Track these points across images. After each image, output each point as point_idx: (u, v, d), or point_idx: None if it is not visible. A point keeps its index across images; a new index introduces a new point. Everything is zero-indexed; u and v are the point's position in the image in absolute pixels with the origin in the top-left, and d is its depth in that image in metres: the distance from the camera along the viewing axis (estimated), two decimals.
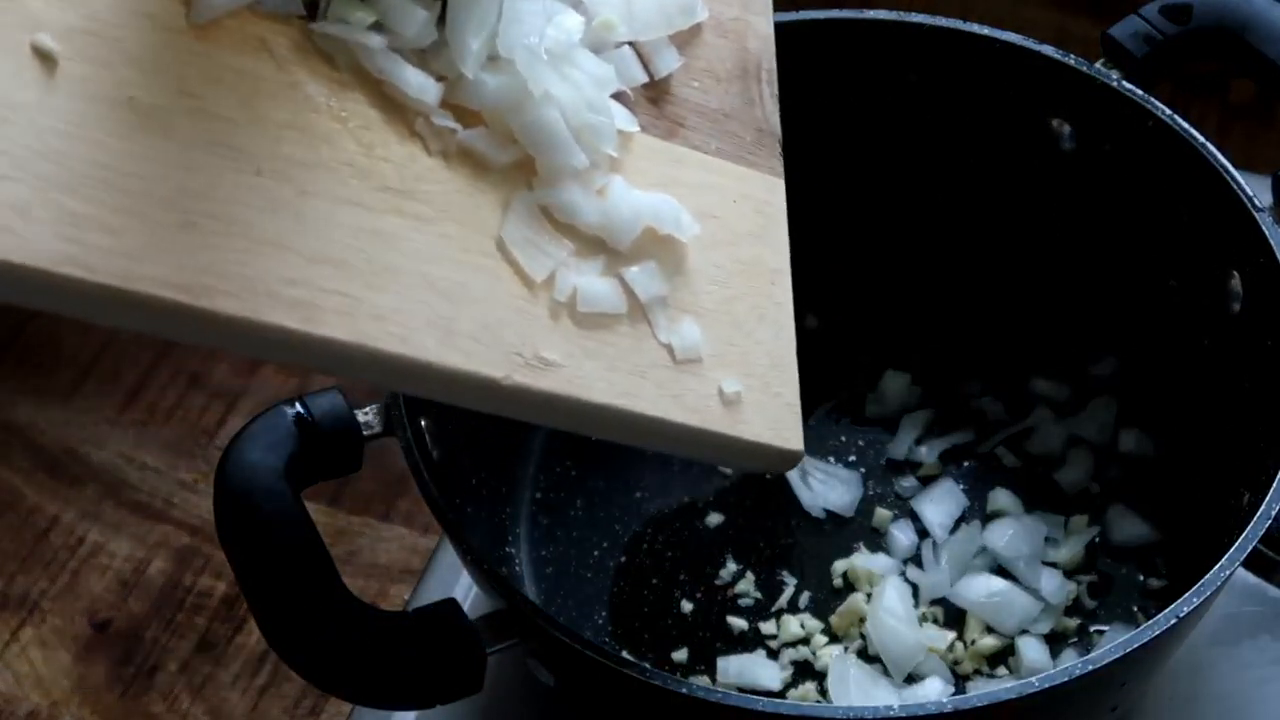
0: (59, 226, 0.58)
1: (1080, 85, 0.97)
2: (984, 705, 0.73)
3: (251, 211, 0.62)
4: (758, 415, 0.73)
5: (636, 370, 0.70)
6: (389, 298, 0.64)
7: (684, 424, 0.71)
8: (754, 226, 0.79)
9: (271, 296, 0.61)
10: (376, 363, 0.64)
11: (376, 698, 0.74)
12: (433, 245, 0.67)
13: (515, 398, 0.67)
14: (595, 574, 1.00)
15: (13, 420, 1.48)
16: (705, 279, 0.75)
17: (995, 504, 0.99)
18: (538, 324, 0.68)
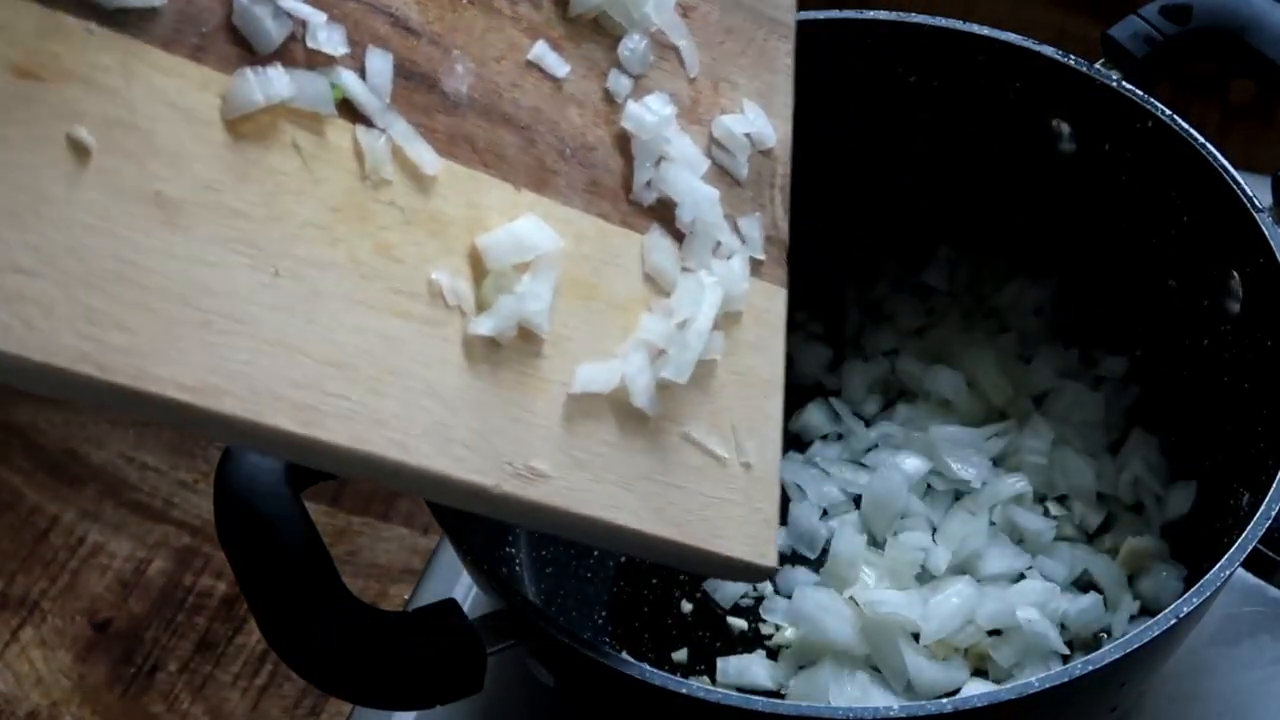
0: (77, 324, 0.59)
1: (1080, 85, 0.97)
2: (984, 705, 0.73)
3: (265, 311, 0.63)
4: (737, 531, 0.74)
5: (623, 482, 0.71)
6: (390, 403, 0.65)
7: (665, 538, 0.72)
8: (752, 337, 0.79)
9: (277, 399, 0.62)
10: (373, 466, 0.65)
11: (376, 698, 0.74)
12: (436, 349, 0.68)
13: (503, 505, 0.68)
14: (595, 574, 1.00)
15: (13, 420, 1.48)
16: (699, 388, 0.75)
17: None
18: (531, 432, 0.69)
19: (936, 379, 1.04)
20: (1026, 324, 1.08)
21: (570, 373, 0.71)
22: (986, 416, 1.04)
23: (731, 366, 0.77)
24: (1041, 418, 1.02)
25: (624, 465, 0.71)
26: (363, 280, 0.67)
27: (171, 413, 0.61)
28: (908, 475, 1.00)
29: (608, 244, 0.75)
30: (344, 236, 0.67)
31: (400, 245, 0.68)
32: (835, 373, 1.08)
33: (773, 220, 0.82)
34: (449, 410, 0.67)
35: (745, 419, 0.77)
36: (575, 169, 0.75)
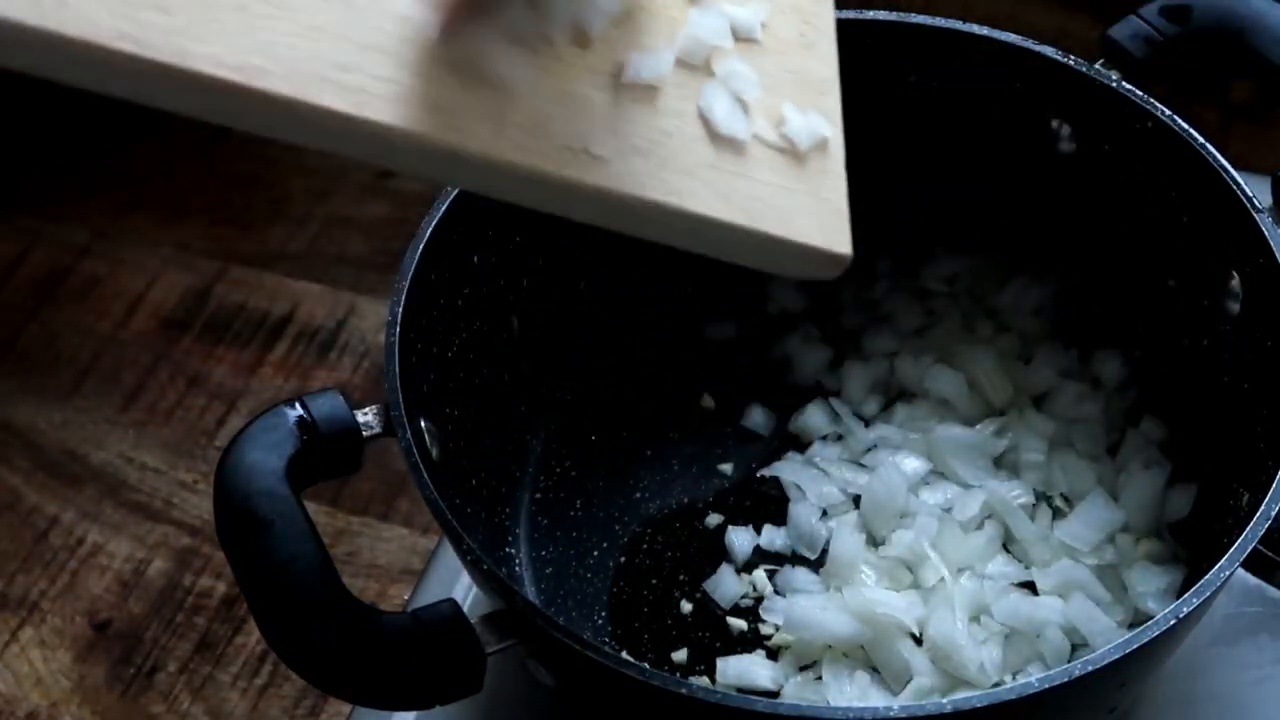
0: (114, 3, 0.58)
1: (1080, 86, 0.97)
2: (983, 705, 0.73)
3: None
4: (806, 218, 0.72)
5: (685, 169, 0.70)
6: (441, 88, 0.64)
7: (732, 223, 0.70)
8: (802, 38, 0.77)
9: (323, 80, 0.61)
10: (429, 152, 0.64)
11: (376, 698, 0.74)
12: (488, 40, 0.66)
13: (565, 191, 0.67)
14: (595, 574, 1.00)
15: (13, 421, 1.48)
16: (753, 85, 0.74)
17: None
18: (587, 118, 0.68)
19: (936, 379, 1.04)
20: (1026, 324, 1.08)
21: (621, 65, 0.70)
22: (986, 417, 1.03)
23: (785, 65, 0.76)
24: (1041, 418, 1.02)
25: (685, 154, 0.70)
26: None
27: (213, 95, 0.60)
28: (907, 476, 1.00)
29: None
30: None
31: None
32: (835, 373, 1.08)
33: None
34: (504, 96, 0.65)
35: (804, 115, 0.75)
36: None
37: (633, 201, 0.68)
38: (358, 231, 1.62)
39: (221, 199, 1.66)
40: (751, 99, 0.74)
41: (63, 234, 1.63)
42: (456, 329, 0.94)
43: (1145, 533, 0.97)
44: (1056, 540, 0.97)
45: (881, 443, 1.03)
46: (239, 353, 1.51)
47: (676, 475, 1.04)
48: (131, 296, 1.57)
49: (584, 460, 1.05)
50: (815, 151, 0.75)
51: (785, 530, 1.01)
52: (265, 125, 0.61)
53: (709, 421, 1.07)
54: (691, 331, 1.11)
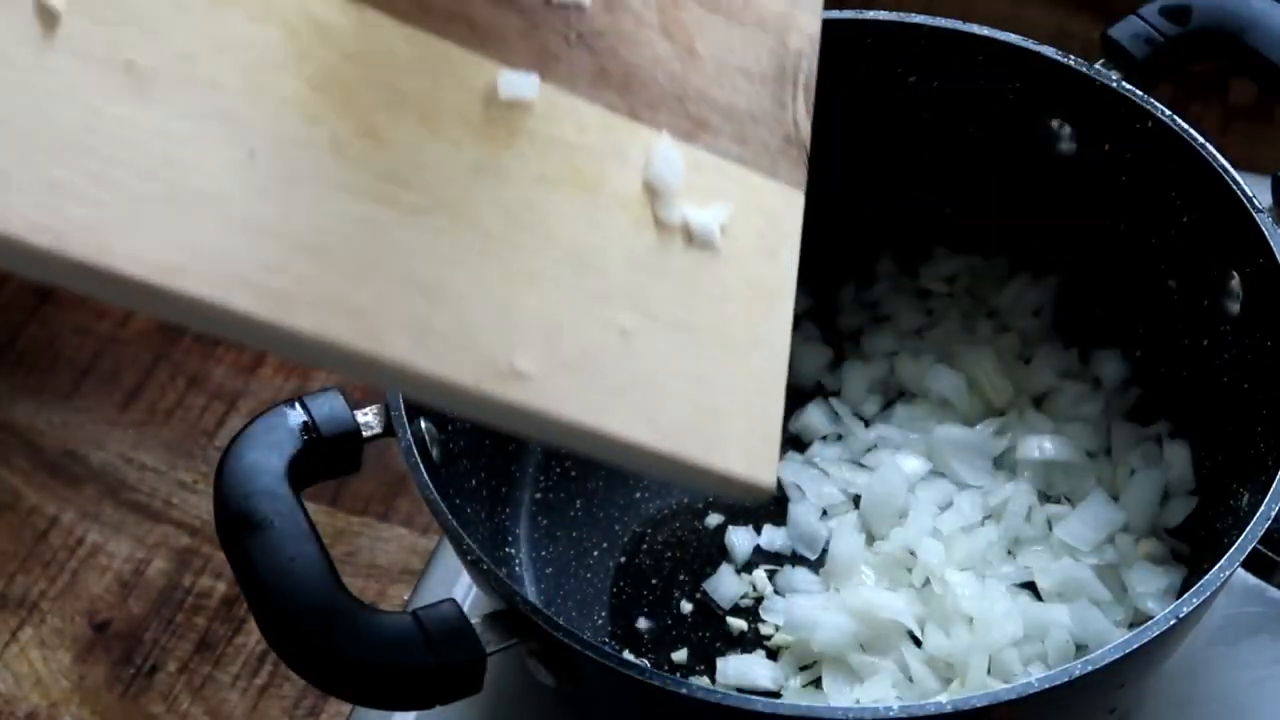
0: (37, 193, 0.56)
1: (1080, 86, 0.97)
2: (983, 705, 0.73)
3: (236, 190, 0.60)
4: (734, 445, 0.70)
5: (614, 388, 0.67)
6: (367, 293, 0.62)
7: (654, 448, 0.68)
8: (761, 241, 0.75)
9: (245, 282, 0.59)
10: (343, 357, 0.62)
11: (376, 698, 0.74)
12: (420, 239, 0.64)
13: (481, 405, 0.65)
14: (595, 574, 1.00)
15: (13, 421, 1.48)
16: (703, 295, 0.71)
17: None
18: (517, 330, 0.66)
19: (936, 379, 1.04)
20: (1026, 324, 1.08)
21: (562, 268, 0.68)
22: (986, 417, 1.03)
23: (739, 273, 0.73)
24: (1041, 418, 1.02)
25: (616, 370, 0.67)
26: (345, 163, 0.63)
27: (131, 291, 0.58)
28: (907, 476, 1.00)
29: (612, 137, 0.72)
30: (328, 116, 0.63)
31: (387, 128, 0.65)
32: (835, 373, 1.08)
33: (793, 119, 0.79)
34: (431, 303, 0.63)
35: (750, 328, 0.72)
36: (581, 54, 0.72)
37: (554, 421, 0.66)
38: None
39: None
40: (696, 316, 0.71)
41: None
42: None
43: (1145, 533, 0.97)
44: (1056, 540, 0.97)
45: (881, 443, 1.03)
46: (239, 353, 1.51)
47: None
48: None
49: (584, 460, 1.05)
50: (755, 375, 0.72)
51: (785, 530, 1.01)
52: (186, 320, 0.60)
53: None
54: None
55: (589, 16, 0.73)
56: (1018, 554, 0.97)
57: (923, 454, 1.02)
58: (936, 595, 0.93)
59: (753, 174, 0.76)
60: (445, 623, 0.74)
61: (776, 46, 0.79)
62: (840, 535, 0.98)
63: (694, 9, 0.77)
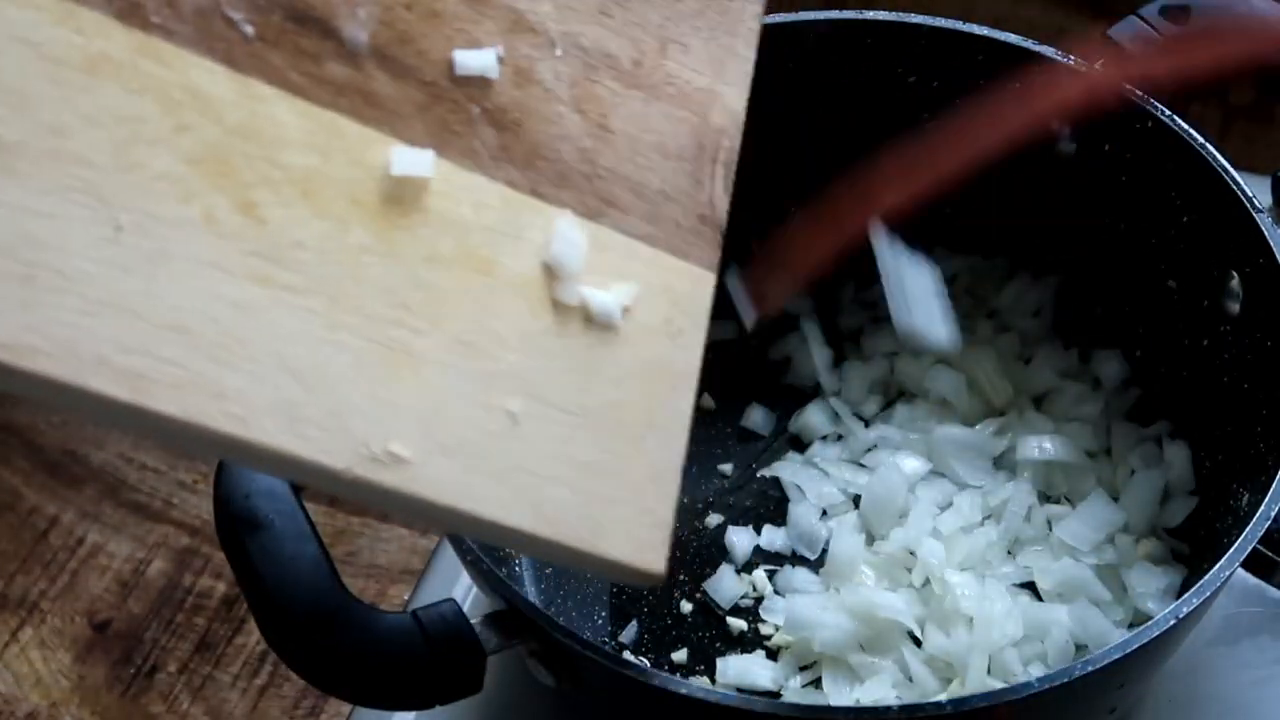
0: None
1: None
2: (983, 705, 0.73)
3: (100, 269, 0.59)
4: (622, 531, 0.68)
5: (495, 472, 0.65)
6: (234, 375, 0.60)
7: (536, 534, 0.66)
8: (667, 324, 0.72)
9: (101, 363, 0.58)
10: (208, 440, 0.60)
11: (376, 698, 0.74)
12: (294, 321, 0.62)
13: (355, 489, 0.63)
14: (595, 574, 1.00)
15: (13, 421, 1.48)
16: (599, 377, 0.69)
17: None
18: (394, 414, 0.64)
19: (936, 379, 1.04)
20: (1026, 324, 1.08)
21: (448, 351, 0.66)
22: (986, 417, 1.03)
23: (639, 355, 0.71)
24: (1041, 418, 1.02)
25: (498, 455, 0.66)
26: (218, 240, 0.61)
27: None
28: (907, 476, 1.00)
29: (512, 216, 0.70)
30: (202, 192, 0.62)
31: (266, 205, 0.63)
32: (835, 373, 1.08)
33: (710, 199, 0.76)
34: (303, 386, 0.61)
35: (647, 412, 0.70)
36: (484, 130, 0.70)
37: (430, 506, 0.64)
38: None
39: None
40: (586, 402, 0.69)
41: None
42: None
43: (1145, 533, 0.97)
44: (1056, 540, 0.97)
45: (881, 443, 1.03)
46: None
47: None
48: None
49: None
50: (649, 460, 0.70)
51: (785, 530, 1.01)
52: (49, 398, 0.58)
53: (709, 421, 1.07)
54: None
55: (495, 90, 0.71)
56: (1018, 554, 0.97)
57: (923, 454, 1.02)
58: (936, 595, 0.93)
59: (662, 254, 0.74)
60: (445, 623, 0.74)
61: (698, 124, 0.77)
62: (840, 535, 0.98)
63: (610, 84, 0.75)
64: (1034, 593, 0.95)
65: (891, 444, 1.03)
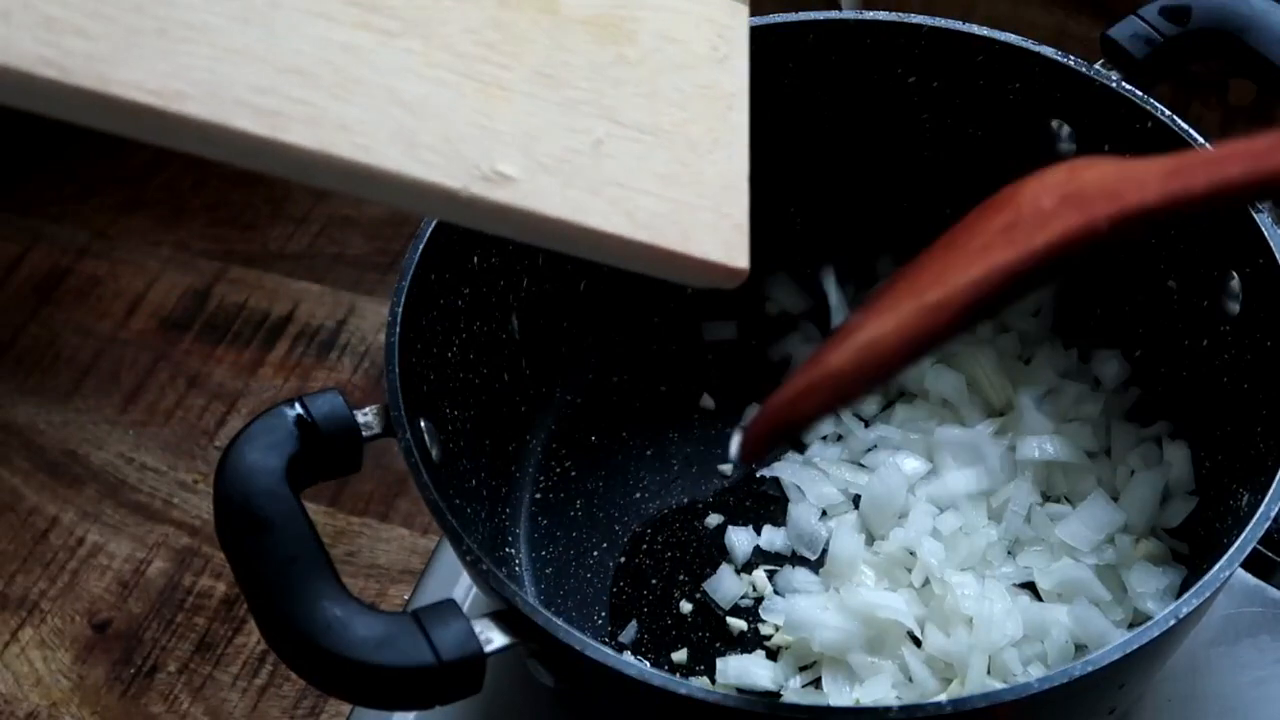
0: (36, 30, 0.61)
1: (1080, 86, 0.97)
2: (983, 706, 0.73)
3: (223, 20, 0.65)
4: (708, 234, 0.75)
5: (591, 186, 0.72)
6: (354, 109, 0.67)
7: (634, 239, 0.73)
8: (714, 51, 0.79)
9: (240, 103, 0.64)
10: (340, 170, 0.66)
11: (376, 698, 0.74)
12: (398, 59, 0.69)
13: (470, 208, 0.69)
14: (595, 574, 1.00)
15: (13, 421, 1.48)
16: (664, 100, 0.76)
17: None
18: (497, 139, 0.70)
19: (936, 379, 1.04)
20: (1026, 324, 1.08)
21: (531, 83, 0.72)
22: (986, 417, 1.03)
23: (695, 79, 0.78)
24: (1041, 418, 1.02)
25: (591, 171, 0.72)
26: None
27: (134, 118, 0.62)
28: (907, 476, 1.00)
29: None
30: None
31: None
32: None
33: None
34: (414, 116, 0.68)
35: (710, 129, 0.77)
36: None
37: (539, 219, 0.70)
38: (358, 231, 1.62)
39: (221, 199, 1.66)
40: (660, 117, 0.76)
41: (63, 234, 1.63)
42: (456, 329, 0.94)
43: (1145, 533, 0.97)
44: (1056, 540, 0.97)
45: (881, 443, 1.03)
46: (239, 353, 1.51)
47: (676, 475, 1.04)
48: (131, 297, 1.57)
49: (584, 460, 1.05)
50: (720, 171, 0.76)
51: (785, 530, 1.01)
52: (189, 145, 0.64)
53: (709, 421, 1.07)
54: (691, 331, 1.11)
55: None
56: (1018, 554, 0.97)
57: (923, 454, 1.02)
58: (936, 595, 0.93)
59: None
60: (445, 623, 0.74)
61: None
62: (840, 535, 0.98)
63: None
64: (1034, 593, 0.95)
65: (891, 444, 1.03)
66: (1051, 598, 0.95)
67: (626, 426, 1.07)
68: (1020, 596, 0.95)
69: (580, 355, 1.08)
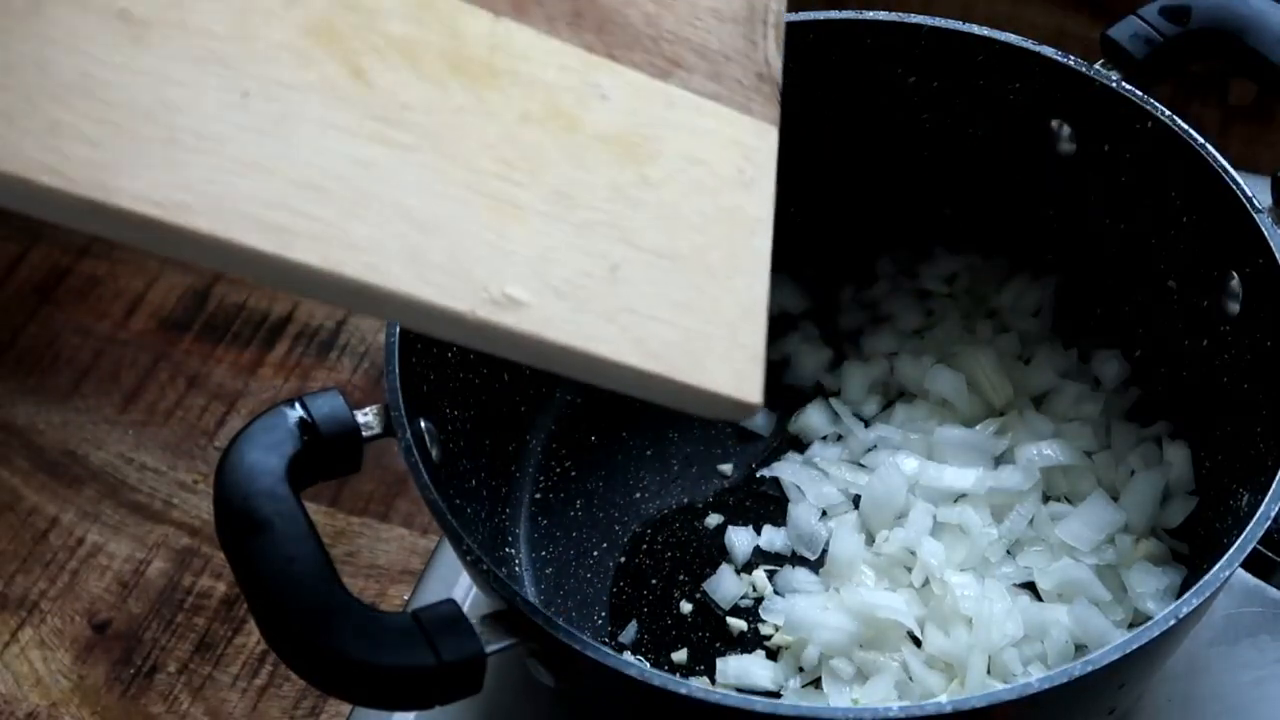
0: (41, 135, 0.60)
1: (1080, 86, 0.97)
2: (983, 706, 0.73)
3: (234, 131, 0.64)
4: (721, 365, 0.73)
5: (604, 313, 0.70)
6: (364, 227, 0.65)
7: (644, 370, 0.71)
8: (740, 174, 0.78)
9: (247, 218, 0.63)
10: (346, 289, 0.65)
11: (376, 698, 0.74)
12: (412, 175, 0.68)
13: (479, 332, 0.68)
14: (595, 574, 1.00)
15: (12, 421, 1.48)
16: (684, 224, 0.74)
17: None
18: (509, 260, 0.69)
19: (936, 380, 1.04)
20: (1026, 324, 1.08)
21: (548, 202, 0.71)
22: (986, 417, 1.03)
23: (718, 203, 0.76)
24: (1041, 418, 1.02)
25: (605, 297, 0.71)
26: (337, 103, 0.67)
27: (138, 229, 0.61)
28: (907, 476, 1.00)
29: (592, 76, 0.75)
30: (318, 59, 0.67)
31: (375, 70, 0.69)
32: (834, 373, 1.08)
33: (764, 58, 0.82)
34: (424, 234, 0.67)
35: (730, 255, 0.76)
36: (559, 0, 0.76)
37: (547, 346, 0.69)
38: None
39: None
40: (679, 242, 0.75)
41: (63, 234, 1.63)
42: None
43: (1145, 533, 0.97)
44: (1056, 540, 0.97)
45: (881, 443, 1.03)
46: (239, 353, 1.51)
47: (676, 475, 1.04)
48: (131, 296, 1.57)
49: (584, 460, 1.05)
50: (738, 300, 0.75)
51: (785, 530, 1.01)
52: (193, 256, 0.63)
53: (709, 421, 1.07)
54: None
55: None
56: (1018, 554, 0.97)
57: (923, 454, 1.02)
58: (936, 595, 0.93)
59: (728, 110, 0.79)
60: (445, 623, 0.74)
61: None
62: (840, 535, 0.98)
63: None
64: (1034, 593, 0.95)
65: (891, 444, 1.03)
66: (1051, 598, 0.95)
67: (626, 426, 1.07)
68: (1020, 596, 0.95)
69: None
